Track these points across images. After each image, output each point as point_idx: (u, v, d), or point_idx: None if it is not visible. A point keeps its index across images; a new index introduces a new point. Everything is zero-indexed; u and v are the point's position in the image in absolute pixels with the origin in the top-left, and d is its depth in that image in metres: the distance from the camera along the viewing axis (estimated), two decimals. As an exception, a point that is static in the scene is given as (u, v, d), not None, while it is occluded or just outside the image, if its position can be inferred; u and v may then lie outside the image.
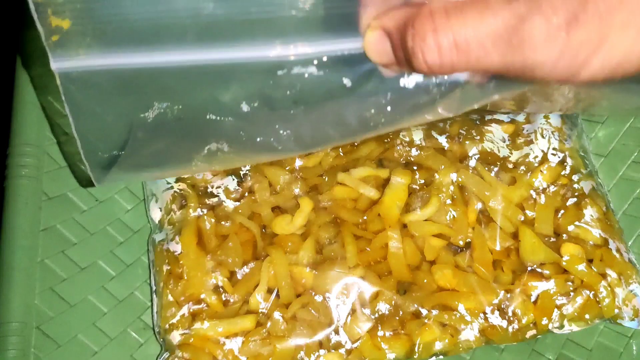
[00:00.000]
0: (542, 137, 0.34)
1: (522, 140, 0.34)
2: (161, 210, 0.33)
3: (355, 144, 0.34)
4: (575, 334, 0.34)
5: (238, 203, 0.32)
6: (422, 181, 0.33)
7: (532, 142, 0.34)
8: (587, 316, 0.31)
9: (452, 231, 0.32)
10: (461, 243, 0.32)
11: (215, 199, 0.32)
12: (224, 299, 0.30)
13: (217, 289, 0.30)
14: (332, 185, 0.32)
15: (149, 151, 0.24)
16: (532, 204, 0.33)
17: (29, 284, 0.31)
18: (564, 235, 0.32)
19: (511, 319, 0.31)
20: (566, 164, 0.34)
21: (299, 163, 0.33)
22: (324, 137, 0.24)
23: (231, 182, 0.33)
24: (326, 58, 0.21)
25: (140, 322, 0.32)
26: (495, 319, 0.31)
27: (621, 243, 0.33)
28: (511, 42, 0.18)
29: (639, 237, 0.37)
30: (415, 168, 0.33)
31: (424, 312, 0.30)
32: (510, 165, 0.34)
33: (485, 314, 0.31)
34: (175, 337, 0.29)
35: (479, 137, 0.34)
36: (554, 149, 0.34)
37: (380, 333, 0.30)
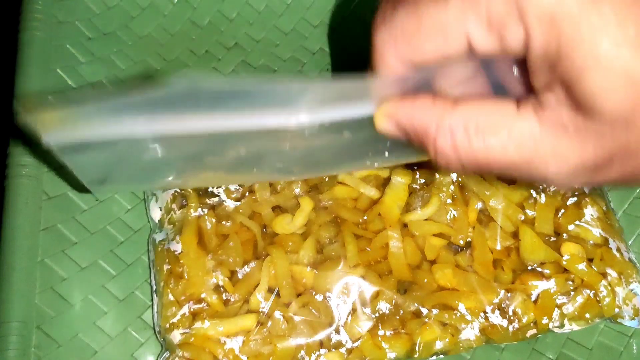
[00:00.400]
0: None
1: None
2: (161, 210, 0.33)
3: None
4: (576, 333, 0.34)
5: (239, 202, 0.32)
6: (423, 180, 0.33)
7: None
8: (587, 315, 0.32)
9: (452, 231, 0.32)
10: (461, 242, 0.32)
11: (216, 199, 0.32)
12: (224, 298, 0.30)
13: (217, 289, 0.30)
14: (332, 184, 0.32)
15: (143, 168, 0.24)
16: (532, 203, 0.33)
17: (29, 283, 0.31)
18: (564, 235, 0.32)
19: (511, 318, 0.31)
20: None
21: (299, 162, 0.33)
22: (316, 170, 0.25)
23: (231, 182, 0.33)
24: (330, 123, 0.21)
25: (140, 321, 0.32)
26: (496, 318, 0.31)
27: (621, 242, 0.33)
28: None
29: (639, 236, 0.37)
30: (415, 167, 0.33)
31: (425, 311, 0.30)
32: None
33: (485, 313, 0.31)
34: (176, 336, 0.29)
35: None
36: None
37: (381, 332, 0.30)
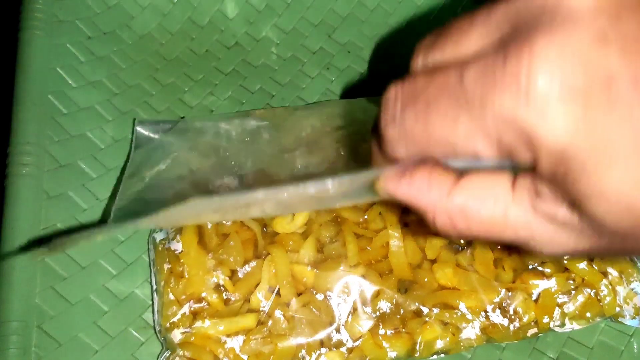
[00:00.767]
0: None
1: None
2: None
3: (357, 142, 0.34)
4: (576, 332, 0.34)
5: (239, 202, 0.32)
6: (423, 180, 0.33)
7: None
8: (588, 314, 0.31)
9: (453, 230, 0.32)
10: (462, 242, 0.32)
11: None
12: (225, 297, 0.30)
13: (218, 288, 0.30)
14: (333, 183, 0.32)
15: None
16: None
17: (29, 282, 0.31)
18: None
19: (512, 317, 0.31)
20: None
21: (300, 162, 0.33)
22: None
23: (232, 181, 0.32)
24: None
25: (141, 320, 0.32)
26: (497, 317, 0.31)
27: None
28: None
29: None
30: (416, 166, 0.33)
31: (425, 310, 0.30)
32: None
33: (486, 312, 0.31)
34: (177, 335, 0.29)
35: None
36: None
37: (382, 331, 0.30)
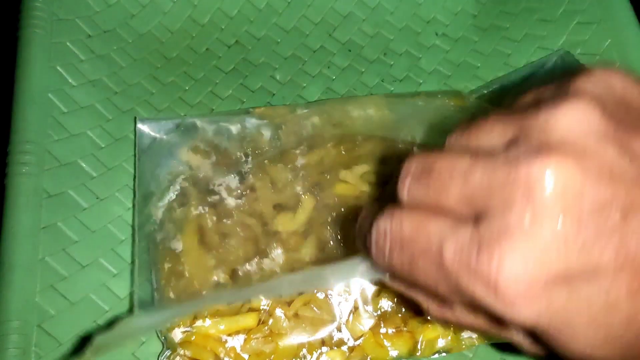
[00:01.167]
0: None
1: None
2: (162, 208, 0.32)
3: (357, 141, 0.34)
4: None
5: (240, 200, 0.32)
6: (425, 178, 0.33)
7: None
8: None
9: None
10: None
11: (217, 197, 0.32)
12: (225, 296, 0.30)
13: (219, 287, 0.30)
14: (334, 182, 0.32)
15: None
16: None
17: (29, 281, 0.31)
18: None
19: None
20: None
21: (300, 161, 0.33)
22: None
23: (232, 180, 0.32)
24: None
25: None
26: (498, 316, 0.31)
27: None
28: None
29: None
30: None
31: (427, 309, 0.30)
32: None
33: (487, 311, 0.31)
34: (177, 334, 0.29)
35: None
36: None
37: (383, 330, 0.30)
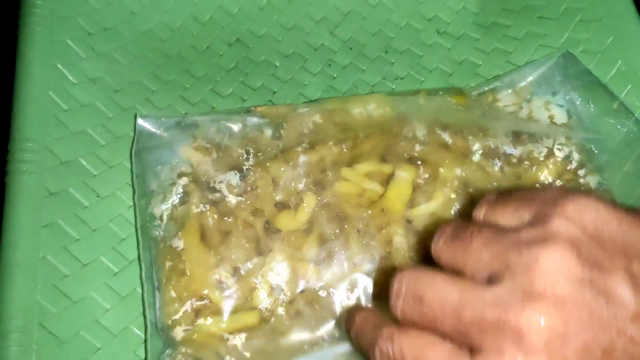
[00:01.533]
0: (547, 135, 0.34)
1: (526, 136, 0.34)
2: (162, 206, 0.32)
3: (358, 139, 0.34)
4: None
5: (241, 198, 0.32)
6: (427, 176, 0.32)
7: (537, 139, 0.34)
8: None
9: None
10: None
11: (218, 194, 0.32)
12: (227, 295, 0.30)
13: (220, 285, 0.30)
14: (335, 180, 0.32)
15: None
16: (538, 199, 0.33)
17: (30, 280, 0.31)
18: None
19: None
20: (572, 158, 0.34)
21: (302, 159, 0.33)
22: None
23: (234, 177, 0.32)
24: None
25: (143, 318, 0.32)
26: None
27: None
28: None
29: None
30: (419, 163, 0.33)
31: (429, 307, 0.30)
32: (515, 161, 0.34)
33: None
34: (179, 333, 0.29)
35: (482, 133, 0.34)
36: (559, 143, 0.34)
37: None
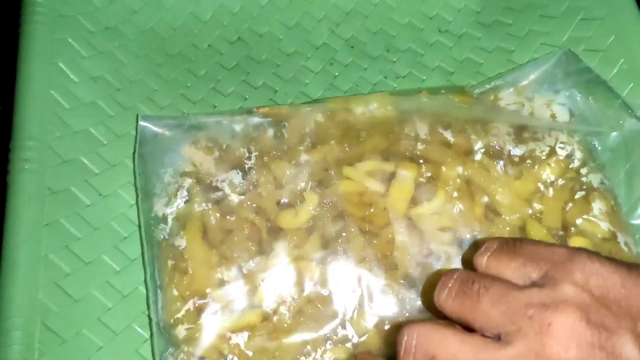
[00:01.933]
0: (549, 134, 0.34)
1: (528, 134, 0.34)
2: (164, 204, 0.32)
3: (360, 138, 0.34)
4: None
5: (243, 197, 0.32)
6: (429, 174, 0.32)
7: (539, 137, 0.34)
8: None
9: (458, 224, 0.32)
10: (468, 236, 0.32)
11: (220, 193, 0.32)
12: (229, 293, 0.30)
13: (222, 284, 0.30)
14: (337, 179, 0.32)
15: None
16: (540, 197, 0.33)
17: (32, 278, 0.31)
18: (572, 229, 0.32)
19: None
20: (574, 157, 0.34)
21: (304, 157, 0.33)
22: None
23: (236, 176, 0.32)
24: None
25: (145, 317, 0.32)
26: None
27: (629, 237, 0.33)
28: None
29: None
30: (421, 161, 0.33)
31: (431, 306, 0.30)
32: (517, 159, 0.34)
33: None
34: (181, 331, 0.29)
35: (484, 131, 0.34)
36: (561, 142, 0.34)
37: (387, 327, 0.30)
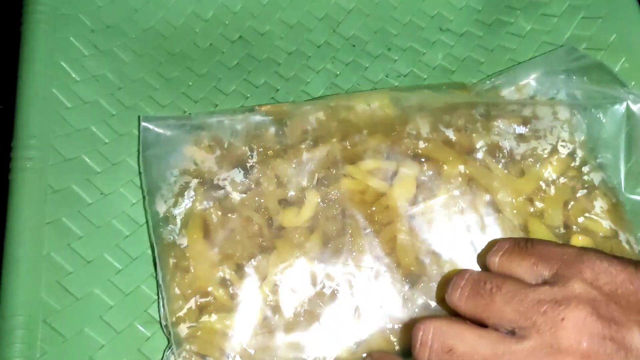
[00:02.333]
0: (550, 132, 0.34)
1: (529, 133, 0.34)
2: (167, 203, 0.32)
3: (362, 136, 0.34)
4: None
5: (244, 195, 0.32)
6: (430, 173, 0.32)
7: (540, 135, 0.34)
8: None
9: (461, 223, 0.32)
10: (470, 235, 0.32)
11: (222, 191, 0.32)
12: (231, 292, 0.30)
13: (224, 282, 0.30)
14: (339, 177, 0.32)
15: None
16: (542, 195, 0.33)
17: (34, 277, 0.31)
18: (574, 227, 0.32)
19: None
20: (576, 155, 0.34)
21: (305, 156, 0.33)
22: None
23: (237, 174, 0.32)
24: None
25: (147, 315, 0.32)
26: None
27: (631, 235, 0.33)
28: None
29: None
30: (422, 160, 0.33)
31: (433, 304, 0.30)
32: (518, 158, 0.34)
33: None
34: (183, 330, 0.29)
35: (485, 130, 0.34)
36: (563, 140, 0.34)
37: (389, 325, 0.30)
